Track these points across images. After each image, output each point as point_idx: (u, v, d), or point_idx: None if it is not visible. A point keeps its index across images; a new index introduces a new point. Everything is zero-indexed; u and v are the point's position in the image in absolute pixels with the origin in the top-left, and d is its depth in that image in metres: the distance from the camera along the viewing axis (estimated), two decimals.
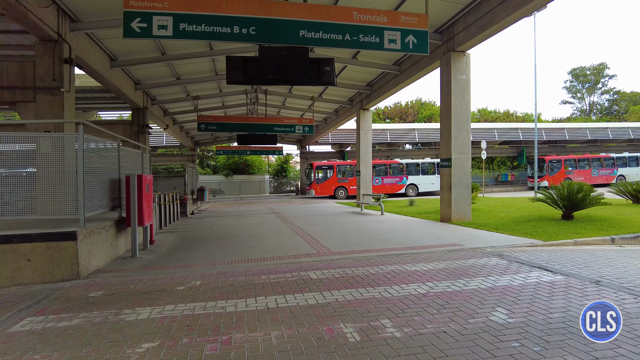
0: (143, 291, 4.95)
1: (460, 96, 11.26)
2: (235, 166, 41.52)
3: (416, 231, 9.48)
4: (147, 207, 7.80)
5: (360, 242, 8.14)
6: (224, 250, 7.81)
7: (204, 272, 5.98)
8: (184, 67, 15.01)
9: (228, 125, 18.17)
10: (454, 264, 5.90)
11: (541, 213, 11.70)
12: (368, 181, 18.88)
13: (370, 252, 7.01)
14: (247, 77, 7.57)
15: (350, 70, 15.92)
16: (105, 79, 12.46)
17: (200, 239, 9.46)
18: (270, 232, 10.33)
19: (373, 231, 9.69)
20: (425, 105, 47.33)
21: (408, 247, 7.37)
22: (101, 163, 7.46)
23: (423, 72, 13.23)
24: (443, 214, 11.48)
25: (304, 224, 11.87)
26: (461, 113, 11.28)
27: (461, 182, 11.20)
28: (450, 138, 11.21)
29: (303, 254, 6.96)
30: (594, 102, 63.34)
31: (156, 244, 8.90)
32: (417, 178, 29.70)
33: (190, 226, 12.54)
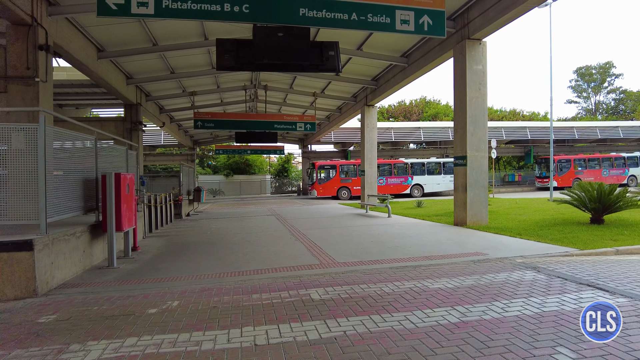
0: (107, 315, 4.03)
1: (475, 88, 10.30)
2: (236, 166, 40.60)
3: (430, 237, 8.52)
4: (127, 210, 6.88)
5: (368, 249, 7.19)
6: (214, 259, 6.87)
7: (185, 287, 5.05)
8: (178, 59, 14.10)
9: (226, 122, 17.23)
10: (483, 279, 4.94)
11: (564, 216, 10.73)
12: (373, 181, 17.93)
13: (382, 263, 6.06)
14: (240, 62, 6.63)
15: (355, 63, 14.97)
16: (91, 71, 11.56)
17: (190, 245, 8.54)
18: (268, 236, 9.40)
19: (382, 236, 8.73)
20: (430, 103, 46.30)
21: (424, 256, 6.42)
22: (74, 160, 6.55)
23: (434, 63, 12.26)
24: (457, 217, 10.52)
25: (305, 227, 10.93)
26: (477, 107, 10.31)
27: (477, 183, 10.24)
28: (465, 134, 10.25)
29: (303, 265, 6.02)
30: (600, 101, 62.15)
31: (140, 250, 7.99)
32: (423, 178, 28.72)
33: (183, 229, 11.63)
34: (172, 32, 11.73)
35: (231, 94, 20.50)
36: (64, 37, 9.55)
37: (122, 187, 6.67)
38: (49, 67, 8.74)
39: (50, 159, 5.35)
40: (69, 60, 10.75)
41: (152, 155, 35.94)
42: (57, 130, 5.93)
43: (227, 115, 17.86)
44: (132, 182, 7.24)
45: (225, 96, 20.99)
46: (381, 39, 12.60)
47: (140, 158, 16.29)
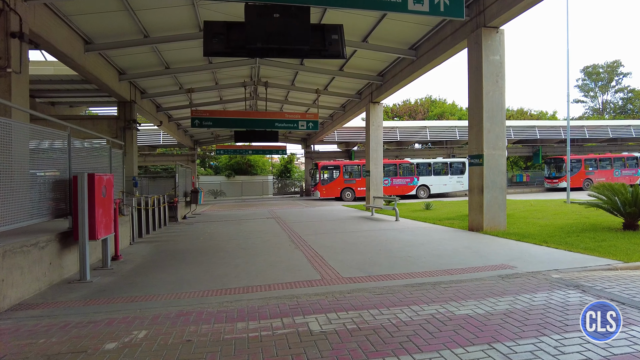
0: (51, 352, 3.20)
1: (492, 81, 9.43)
2: (238, 166, 39.82)
3: (445, 244, 7.64)
4: (103, 215, 6.07)
5: (377, 260, 6.32)
6: (201, 271, 6.03)
7: (160, 311, 4.21)
8: (172, 53, 13.31)
9: (224, 120, 16.40)
10: (518, 301, 4.08)
11: (589, 220, 9.82)
12: (379, 182, 17.05)
13: (393, 278, 5.19)
14: (231, 46, 5.81)
15: (360, 57, 14.12)
16: (78, 64, 10.79)
17: (178, 253, 7.71)
18: (265, 243, 8.55)
19: (391, 244, 7.86)
20: (435, 103, 45.33)
21: (442, 270, 5.55)
22: (40, 157, 5.75)
23: (445, 55, 11.38)
24: (472, 222, 9.63)
25: (306, 232, 10.08)
26: (494, 101, 9.43)
27: (495, 184, 9.36)
28: (481, 131, 9.37)
29: (303, 281, 5.16)
30: (608, 100, 60.89)
31: (122, 260, 7.17)
32: (429, 179, 27.81)
33: (176, 234, 10.81)
34: (164, 23, 10.94)
35: (230, 91, 19.70)
36: (43, 25, 8.77)
37: (97, 189, 5.86)
38: (23, 58, 7.94)
39: (3, 156, 4.55)
40: (52, 52, 9.99)
41: (152, 156, 35.26)
42: (17, 124, 5.12)
43: (225, 113, 17.02)
44: (110, 183, 6.42)
45: (224, 94, 20.21)
46: (388, 30, 11.74)
47: (134, 158, 15.56)
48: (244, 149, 34.85)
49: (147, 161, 34.86)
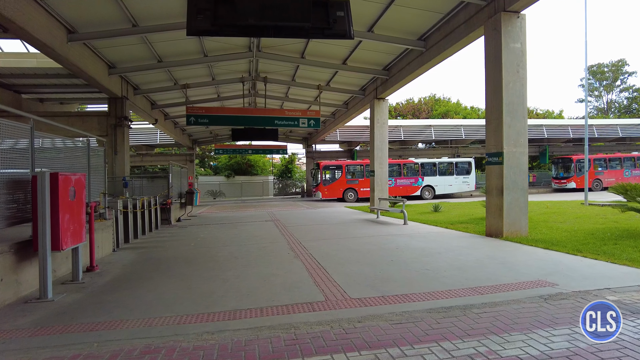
0: None
1: (513, 70, 8.53)
2: (238, 167, 38.95)
3: (465, 254, 6.74)
4: (70, 221, 5.20)
5: (390, 274, 5.42)
6: (184, 287, 5.15)
7: (123, 344, 3.33)
8: (164, 45, 12.45)
9: (221, 117, 15.51)
10: (578, 336, 3.18)
11: (620, 225, 8.92)
12: (384, 182, 16.14)
13: (412, 299, 4.29)
14: (217, 23, 4.93)
15: (364, 50, 13.23)
16: (60, 55, 9.93)
17: (163, 263, 6.83)
18: (261, 251, 7.66)
19: (403, 253, 6.96)
20: (439, 101, 44.38)
21: (470, 288, 4.65)
22: None
23: (458, 45, 10.48)
24: (490, 226, 8.74)
25: (307, 237, 9.20)
26: (515, 93, 8.54)
27: (516, 184, 8.46)
28: (500, 126, 8.48)
29: (302, 303, 4.27)
30: (612, 100, 59.88)
31: (98, 271, 6.31)
32: (434, 179, 26.93)
33: (165, 239, 9.94)
34: (153, 11, 10.08)
35: (228, 88, 18.84)
36: (17, 9, 7.90)
37: (62, 191, 4.99)
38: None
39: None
40: (29, 41, 9.14)
41: (149, 156, 34.46)
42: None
43: (222, 110, 16.17)
44: (80, 184, 5.55)
45: (222, 90, 19.34)
46: (396, 18, 10.87)
47: (125, 157, 14.70)
48: (243, 148, 33.97)
49: (145, 161, 34.05)
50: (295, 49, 13.73)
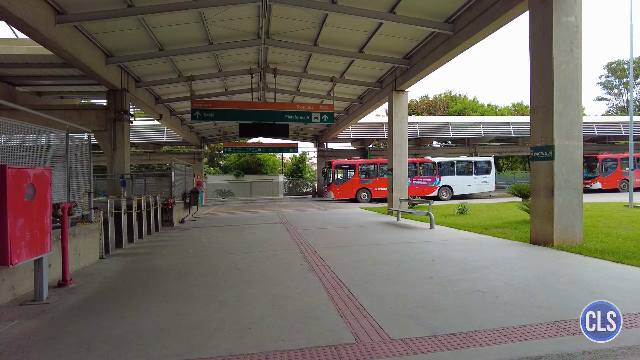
0: None
1: (566, 49, 7.23)
2: (247, 165, 37.99)
3: (518, 267, 5.48)
4: (27, 227, 4.10)
5: (435, 298, 4.18)
6: (169, 312, 4.01)
7: None
8: (165, 32, 11.41)
9: (228, 112, 14.40)
10: None
11: None
12: (403, 182, 14.87)
13: (478, 341, 3.06)
14: None
15: (384, 35, 12.00)
16: (47, 39, 8.91)
17: (153, 276, 5.72)
18: (269, 261, 6.50)
19: (442, 266, 5.72)
20: (455, 98, 42.80)
21: (550, 322, 3.40)
22: None
23: (492, 26, 9.22)
24: (537, 232, 7.44)
25: (321, 244, 8.02)
26: (568, 76, 7.24)
27: (569, 184, 7.17)
28: (550, 115, 7.18)
29: (324, 346, 3.06)
30: (634, 98, 57.53)
31: (72, 286, 5.21)
32: (452, 179, 25.54)
33: (163, 244, 8.86)
34: None
35: (236, 81, 17.77)
36: None
37: (13, 189, 3.89)
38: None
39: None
40: (10, 21, 8.10)
41: (157, 154, 33.64)
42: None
43: (229, 104, 15.04)
44: (43, 181, 4.45)
45: (229, 84, 18.28)
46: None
47: (125, 154, 13.68)
48: (252, 146, 32.97)
49: (152, 159, 33.23)
50: (307, 35, 12.55)
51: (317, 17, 11.23)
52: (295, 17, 11.43)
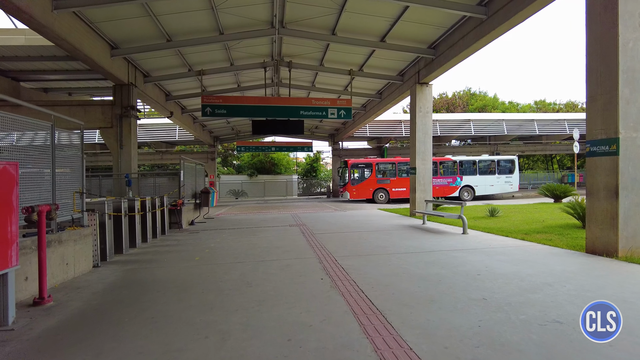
0: None
1: (634, 24, 6.12)
2: (261, 165, 37.27)
3: (590, 287, 4.43)
4: None
5: (501, 333, 3.18)
6: (155, 349, 3.12)
7: None
8: (173, 20, 10.64)
9: (240, 108, 13.62)
10: None
11: None
12: (427, 182, 13.81)
13: None
14: None
15: (408, 21, 10.98)
16: (44, 26, 8.22)
17: (148, 291, 4.86)
18: (283, 272, 5.59)
19: (493, 283, 4.69)
20: (475, 96, 41.31)
21: None
22: None
23: (535, 5, 8.14)
24: (594, 240, 6.35)
25: (343, 251, 7.07)
26: (635, 56, 6.13)
27: (637, 183, 6.07)
28: (615, 102, 6.09)
29: None
30: None
31: (49, 304, 4.38)
32: (474, 179, 24.30)
33: (167, 250, 8.04)
34: None
35: (249, 76, 16.95)
36: None
37: None
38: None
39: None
40: (1, 5, 7.41)
41: (169, 153, 33.18)
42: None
43: (242, 100, 14.23)
44: (7, 179, 3.62)
45: (242, 79, 17.49)
46: None
47: (132, 152, 12.98)
48: (266, 145, 32.24)
49: (165, 159, 32.78)
50: (324, 23, 11.61)
51: (335, 2, 10.28)
52: (311, 2, 10.51)
